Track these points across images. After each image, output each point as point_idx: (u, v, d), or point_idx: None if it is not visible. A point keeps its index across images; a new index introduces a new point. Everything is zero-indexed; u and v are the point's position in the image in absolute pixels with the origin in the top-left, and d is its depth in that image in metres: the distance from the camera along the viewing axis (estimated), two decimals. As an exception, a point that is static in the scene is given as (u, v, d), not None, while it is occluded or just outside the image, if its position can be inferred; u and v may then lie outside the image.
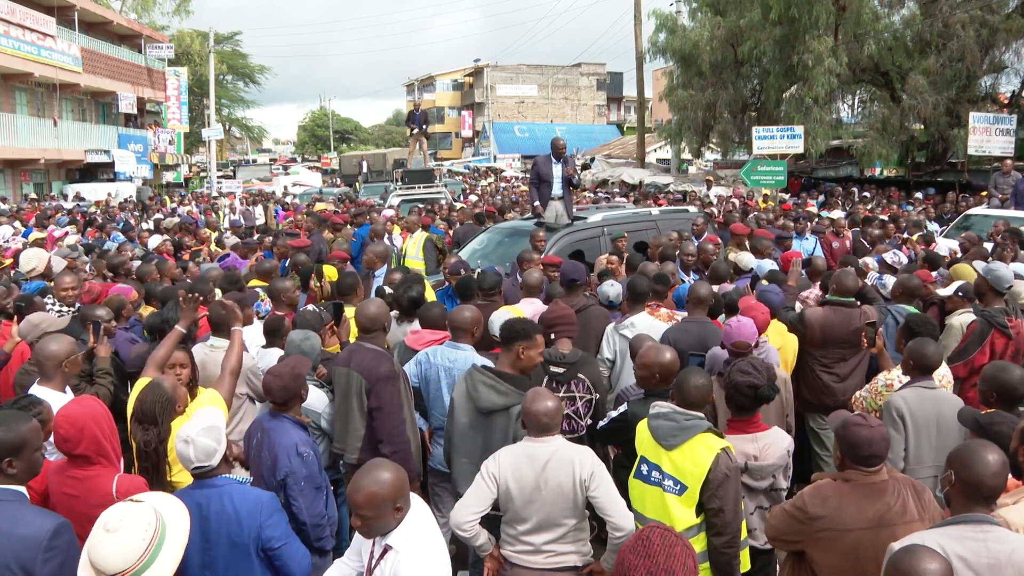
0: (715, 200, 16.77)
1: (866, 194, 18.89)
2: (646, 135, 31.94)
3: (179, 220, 15.18)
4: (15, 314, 5.26)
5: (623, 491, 3.42)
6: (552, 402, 3.32)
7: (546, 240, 7.77)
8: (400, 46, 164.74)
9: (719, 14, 22.47)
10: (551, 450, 3.27)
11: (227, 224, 16.75)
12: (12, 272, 8.26)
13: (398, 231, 11.04)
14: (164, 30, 43.50)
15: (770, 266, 6.95)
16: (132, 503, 2.68)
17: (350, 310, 5.29)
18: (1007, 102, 21.40)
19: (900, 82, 20.95)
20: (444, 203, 15.79)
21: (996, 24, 19.26)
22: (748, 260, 7.24)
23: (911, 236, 9.58)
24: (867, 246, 8.96)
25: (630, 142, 38.66)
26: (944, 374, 4.61)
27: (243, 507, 2.99)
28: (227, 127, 54.74)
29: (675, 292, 6.01)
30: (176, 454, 3.63)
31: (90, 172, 31.15)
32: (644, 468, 3.42)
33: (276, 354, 4.74)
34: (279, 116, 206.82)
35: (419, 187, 17.09)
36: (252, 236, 11.70)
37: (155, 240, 10.74)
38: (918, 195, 17.87)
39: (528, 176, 9.16)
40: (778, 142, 17.82)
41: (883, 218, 11.34)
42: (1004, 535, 2.54)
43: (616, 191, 23.24)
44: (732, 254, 7.60)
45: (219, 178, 34.78)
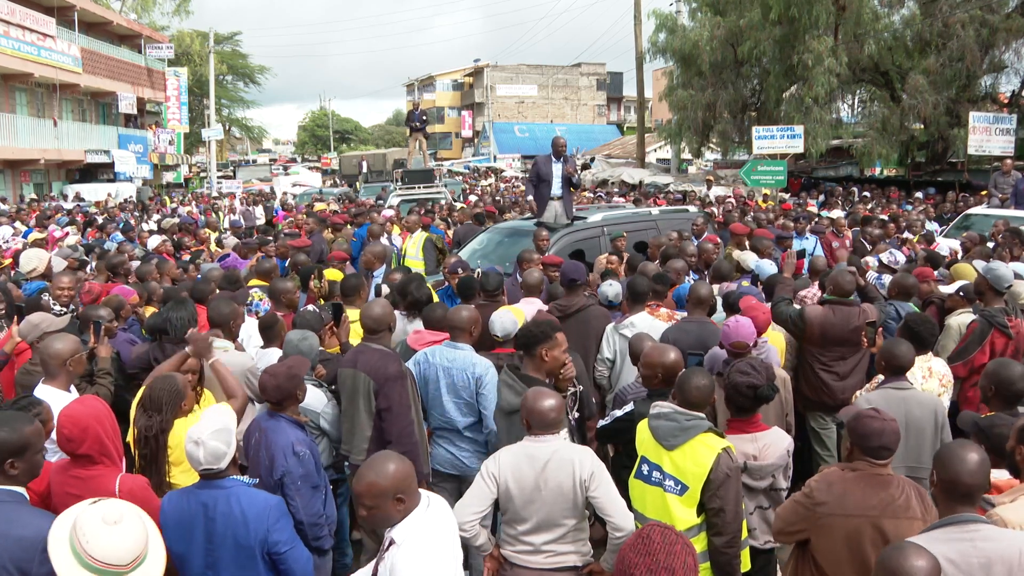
0: (714, 200, 16.77)
1: (866, 194, 18.89)
2: (646, 135, 31.95)
3: (177, 220, 15.17)
4: (15, 315, 5.27)
5: (624, 491, 3.42)
6: (554, 399, 3.33)
7: (549, 240, 7.77)
8: (400, 46, 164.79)
9: (719, 14, 22.48)
10: (551, 450, 3.27)
11: (227, 224, 16.74)
12: (12, 272, 8.26)
13: (398, 231, 11.04)
14: (164, 30, 43.51)
15: (770, 266, 6.94)
16: (110, 500, 2.64)
17: (355, 312, 5.27)
18: (1007, 102, 21.41)
19: (900, 82, 20.96)
20: (444, 203, 15.78)
21: (996, 24, 19.27)
22: (752, 260, 7.23)
23: (912, 236, 9.59)
24: (867, 246, 8.97)
25: (630, 142, 38.66)
26: (944, 373, 4.62)
27: (251, 510, 2.98)
28: (227, 127, 54.75)
29: (675, 291, 6.01)
30: (184, 454, 3.66)
31: (90, 172, 31.16)
32: (645, 468, 3.42)
33: (275, 354, 4.75)
34: (279, 116, 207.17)
35: (419, 187, 17.08)
36: (252, 236, 11.70)
37: (155, 240, 10.74)
38: (918, 195, 17.87)
39: (528, 175, 9.15)
40: (778, 142, 17.83)
41: (883, 218, 11.35)
42: (991, 533, 2.55)
43: (615, 191, 23.23)
44: (737, 253, 7.59)
45: (219, 178, 34.81)
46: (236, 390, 4.13)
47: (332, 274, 7.10)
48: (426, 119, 22.53)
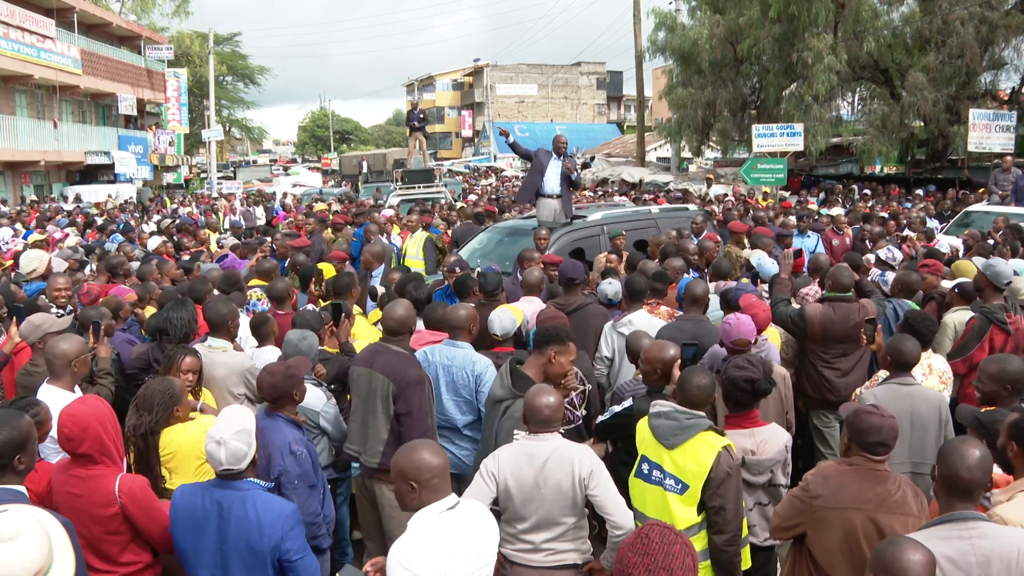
0: (714, 199, 16.77)
1: (866, 191, 18.87)
2: (646, 134, 31.98)
3: (171, 221, 15.17)
4: (14, 316, 5.28)
5: (623, 490, 3.42)
6: (554, 397, 3.33)
7: (549, 238, 7.77)
8: (400, 46, 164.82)
9: (718, 12, 22.49)
10: (550, 448, 3.27)
11: (227, 225, 16.75)
12: (13, 274, 8.27)
13: (397, 231, 11.04)
14: (163, 31, 43.47)
15: (772, 265, 6.89)
16: (6, 514, 2.40)
17: (374, 315, 5.24)
18: (1007, 98, 21.41)
19: (900, 79, 20.96)
20: (444, 203, 15.78)
21: (995, 20, 19.27)
22: (755, 258, 7.19)
23: (912, 234, 9.58)
24: (867, 243, 8.96)
25: (630, 141, 38.67)
26: (944, 370, 4.62)
27: (266, 516, 2.97)
28: (227, 128, 54.77)
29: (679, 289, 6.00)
30: (182, 461, 3.66)
31: (90, 174, 31.16)
32: (645, 467, 3.42)
33: (271, 352, 4.76)
34: (279, 117, 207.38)
35: (419, 187, 17.08)
36: (252, 237, 11.71)
37: (154, 241, 10.75)
38: (918, 192, 17.86)
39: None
40: (778, 140, 17.85)
41: (883, 215, 11.34)
42: (989, 531, 2.55)
43: (615, 190, 23.22)
44: (745, 252, 7.57)
45: (219, 179, 34.83)
46: None
47: (330, 271, 7.13)
48: (425, 119, 22.52)
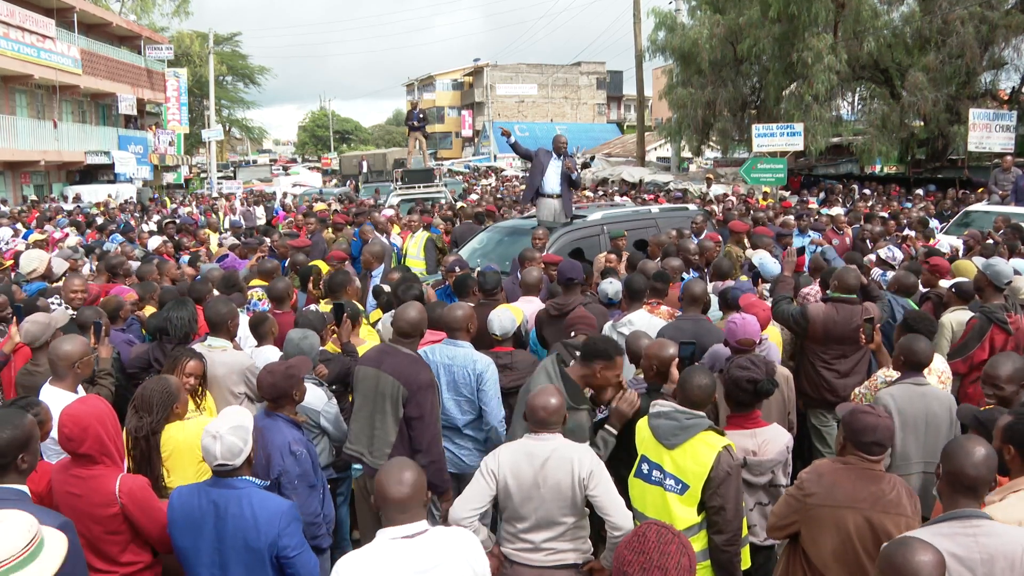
0: (714, 198, 16.77)
1: (866, 191, 18.88)
2: (646, 133, 31.99)
3: (173, 221, 15.16)
4: (14, 315, 5.28)
5: (623, 489, 3.42)
6: (555, 399, 3.32)
7: (547, 238, 7.76)
8: (400, 46, 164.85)
9: (718, 12, 22.50)
10: (550, 448, 3.27)
11: (227, 225, 16.75)
12: (13, 274, 8.27)
13: (397, 231, 11.03)
14: (163, 31, 43.48)
15: (774, 264, 6.88)
16: (8, 512, 2.51)
17: (374, 315, 5.20)
18: (1007, 98, 21.42)
19: (900, 79, 20.97)
20: (444, 203, 15.77)
21: (995, 20, 19.28)
22: (757, 257, 7.18)
23: (912, 233, 9.58)
24: (867, 243, 8.96)
25: (630, 141, 38.67)
26: (943, 370, 4.62)
27: (262, 513, 2.97)
28: (227, 128, 54.76)
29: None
30: (181, 460, 3.66)
31: (90, 174, 31.16)
32: (645, 467, 3.42)
33: (271, 352, 4.76)
34: (279, 117, 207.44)
35: (419, 187, 17.08)
36: (252, 236, 11.70)
37: (154, 241, 10.74)
38: (918, 192, 17.86)
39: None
40: (778, 140, 17.86)
41: (883, 215, 11.34)
42: (994, 528, 2.55)
43: (615, 190, 23.22)
44: (749, 252, 7.57)
45: (219, 179, 34.83)
46: None
47: (324, 269, 7.15)
48: (425, 118, 22.51)
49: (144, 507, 3.17)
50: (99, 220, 16.05)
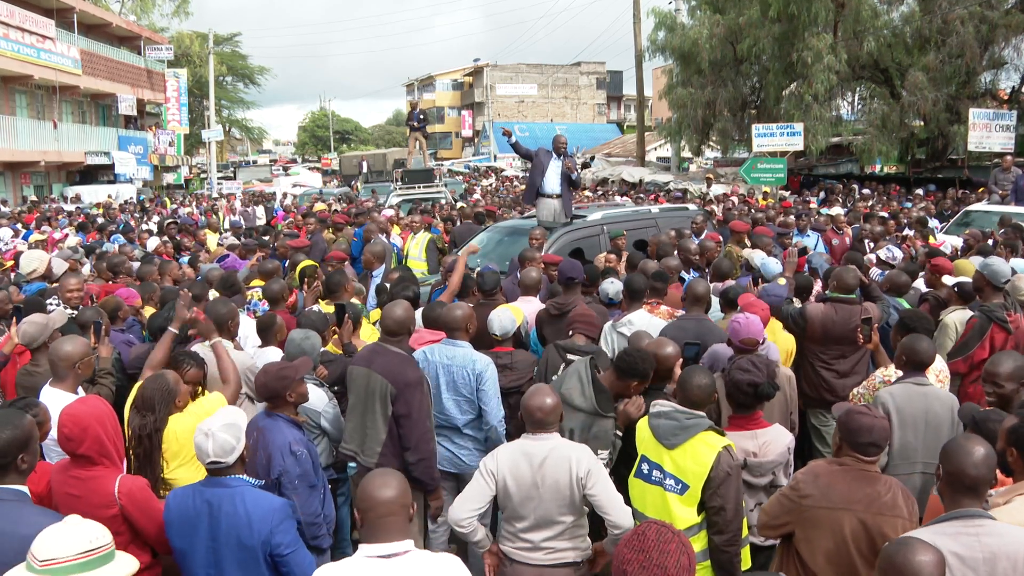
0: (714, 198, 16.77)
1: (866, 191, 18.88)
2: (646, 133, 32.00)
3: (173, 221, 15.15)
4: (14, 315, 5.28)
5: (623, 489, 3.43)
6: (551, 399, 3.33)
7: (545, 238, 7.76)
8: (400, 46, 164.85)
9: (718, 12, 22.51)
10: (549, 447, 3.28)
11: (227, 225, 16.75)
12: (13, 274, 8.27)
13: (398, 231, 11.03)
14: (163, 32, 43.48)
15: (775, 264, 6.87)
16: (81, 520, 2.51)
17: (375, 315, 5.22)
18: (1007, 98, 21.43)
19: (900, 79, 20.97)
20: (444, 203, 15.77)
21: (995, 20, 19.29)
22: (758, 257, 7.18)
23: (913, 233, 9.57)
24: (867, 243, 8.95)
25: (630, 140, 38.68)
26: (940, 369, 4.61)
27: (255, 511, 2.98)
28: (227, 128, 54.75)
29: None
30: (181, 448, 3.67)
31: (90, 174, 31.19)
32: (645, 467, 3.42)
33: (273, 353, 4.76)
34: (279, 117, 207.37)
35: (419, 187, 17.08)
36: (252, 237, 11.69)
37: (154, 242, 10.74)
38: (918, 192, 17.85)
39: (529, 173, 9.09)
40: (778, 139, 17.86)
41: (883, 215, 11.34)
42: (996, 528, 2.55)
43: (615, 190, 23.23)
44: (747, 251, 7.56)
45: (219, 179, 34.84)
46: (231, 375, 4.23)
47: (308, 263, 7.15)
48: (425, 119, 22.51)
49: (143, 508, 3.17)
50: (99, 220, 16.05)
